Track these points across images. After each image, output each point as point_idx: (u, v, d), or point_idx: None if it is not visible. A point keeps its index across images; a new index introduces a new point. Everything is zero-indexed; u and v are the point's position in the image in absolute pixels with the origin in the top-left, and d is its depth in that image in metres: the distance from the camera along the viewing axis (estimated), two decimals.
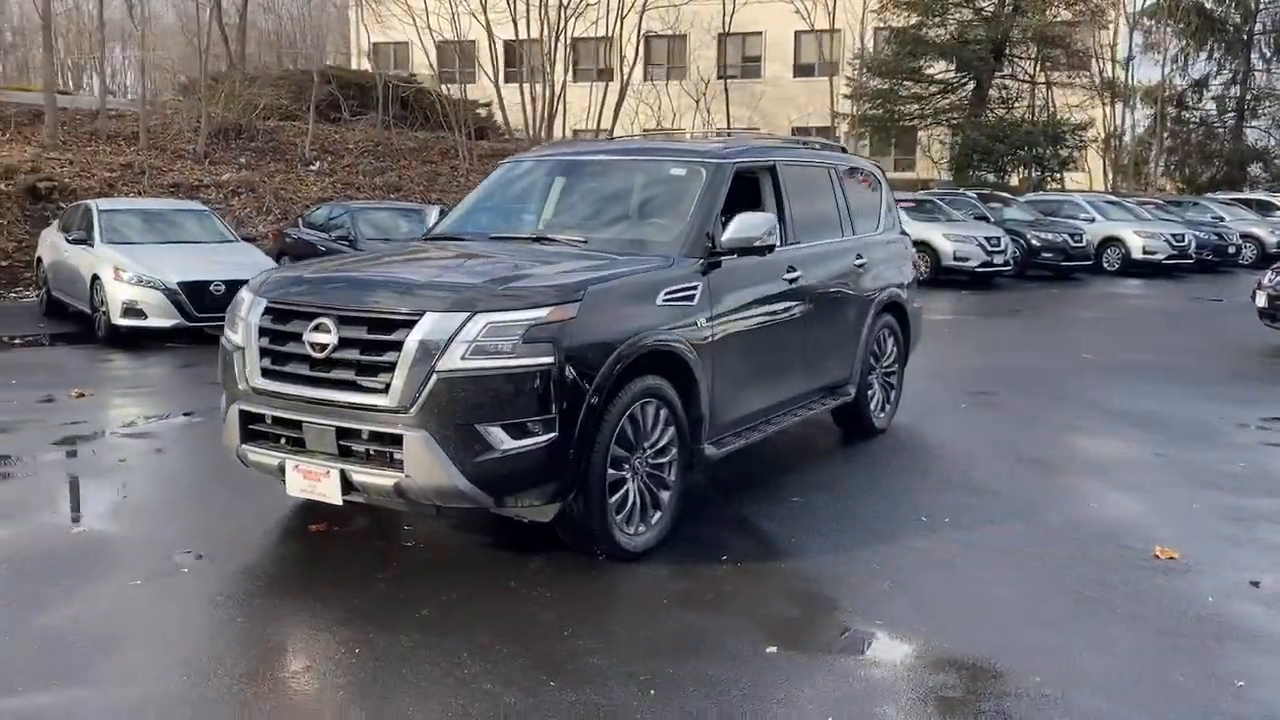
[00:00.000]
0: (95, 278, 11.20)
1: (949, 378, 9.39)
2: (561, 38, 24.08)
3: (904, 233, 7.81)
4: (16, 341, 11.32)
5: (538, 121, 24.26)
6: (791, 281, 5.83)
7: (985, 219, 21.53)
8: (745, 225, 5.19)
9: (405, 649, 3.75)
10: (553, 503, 4.33)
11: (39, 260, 13.84)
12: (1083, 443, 7.05)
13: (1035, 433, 7.29)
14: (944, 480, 6.07)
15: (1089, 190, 32.28)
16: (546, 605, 4.15)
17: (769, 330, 5.64)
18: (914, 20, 30.13)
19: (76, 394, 8.27)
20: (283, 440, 4.51)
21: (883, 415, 7.20)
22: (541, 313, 4.20)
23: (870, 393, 7.03)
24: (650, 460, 4.76)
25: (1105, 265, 22.90)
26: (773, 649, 3.79)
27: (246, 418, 4.60)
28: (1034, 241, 21.10)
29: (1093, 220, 23.36)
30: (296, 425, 4.42)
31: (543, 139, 23.80)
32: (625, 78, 25.58)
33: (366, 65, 36.12)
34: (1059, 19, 30.34)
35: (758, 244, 5.23)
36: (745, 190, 5.92)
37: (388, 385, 4.17)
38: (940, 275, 19.40)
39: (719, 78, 39.36)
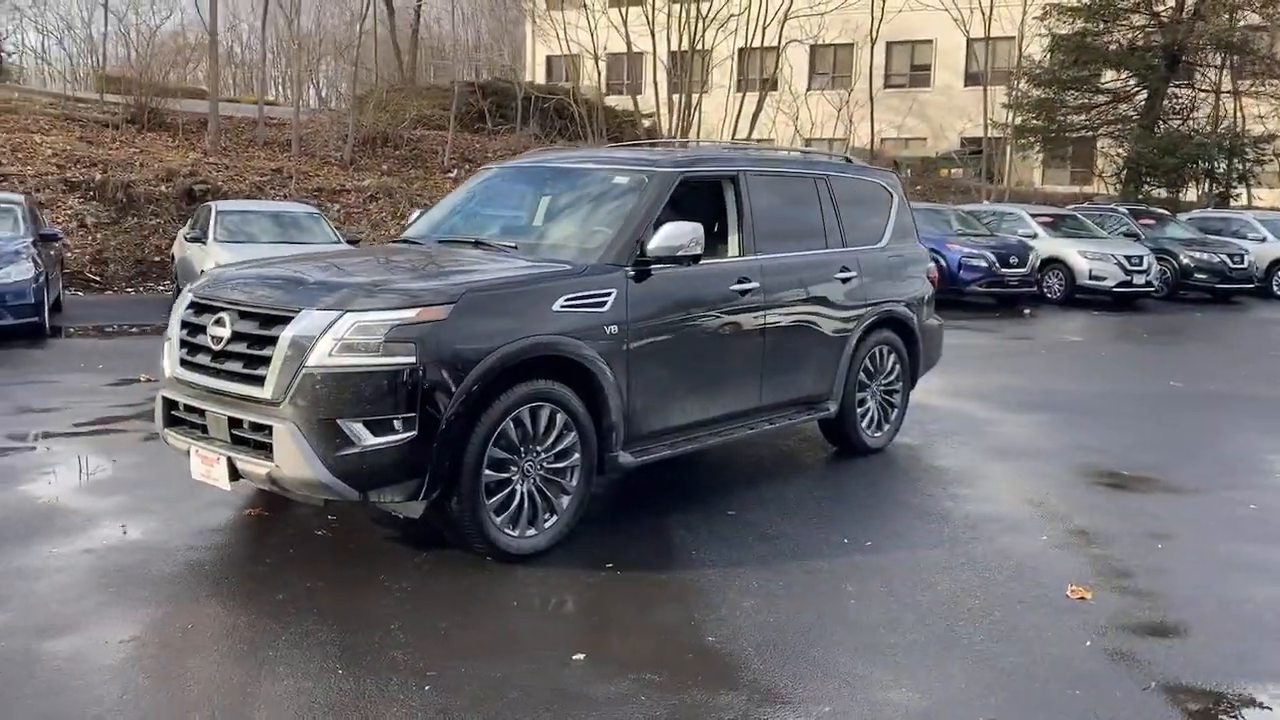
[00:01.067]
0: (203, 273, 12.05)
1: (1005, 398, 8.98)
2: (700, 48, 24.18)
3: (927, 247, 7.54)
4: (133, 330, 12.31)
5: (675, 131, 24.43)
6: (744, 292, 5.74)
7: (1135, 237, 20.29)
8: (670, 234, 5.17)
9: (235, 629, 3.95)
10: (416, 499, 4.43)
11: (173, 256, 15.02)
12: (1095, 473, 6.60)
13: (1051, 460, 6.88)
14: (900, 504, 5.84)
15: None
16: (398, 600, 4.26)
17: (710, 340, 5.57)
18: (1079, 27, 28.61)
19: (145, 379, 8.94)
20: (195, 427, 4.80)
21: (878, 434, 6.95)
22: (409, 313, 4.32)
23: (863, 410, 6.81)
24: (547, 464, 4.80)
25: (1276, 289, 21.19)
26: (579, 656, 3.78)
27: (167, 404, 4.92)
28: (1186, 262, 19.76)
29: (1263, 240, 21.64)
30: (201, 413, 4.70)
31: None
32: (765, 88, 25.41)
33: (540, 78, 37.32)
34: (1244, 23, 28.17)
35: (681, 253, 5.19)
36: (700, 200, 5.89)
37: (266, 378, 4.39)
38: (1075, 294, 18.45)
39: (885, 86, 38.66)
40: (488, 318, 4.53)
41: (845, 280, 6.50)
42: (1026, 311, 17.13)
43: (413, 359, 4.27)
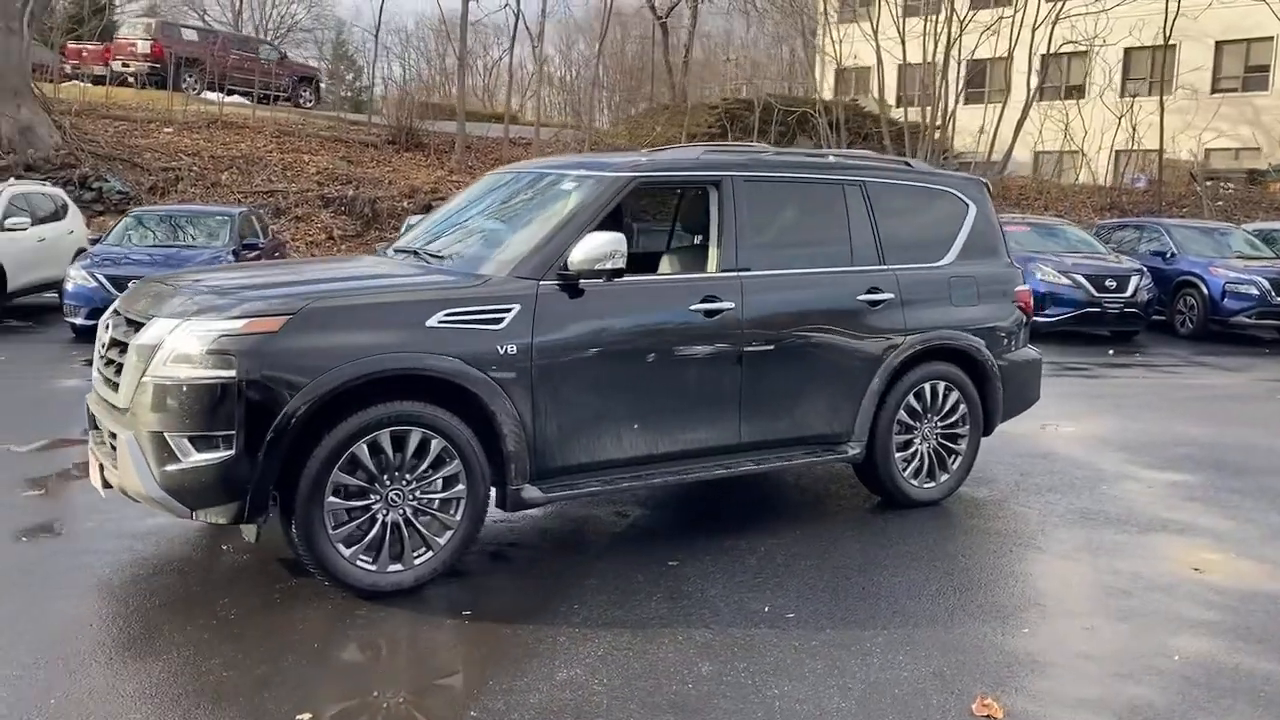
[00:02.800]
0: None
1: (1161, 451, 7.48)
2: (949, 57, 22.62)
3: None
4: None
5: (926, 141, 23.02)
6: (711, 313, 5.04)
7: None
8: (589, 246, 4.62)
9: (21, 636, 3.86)
10: (240, 522, 4.15)
11: None
12: (1189, 558, 5.24)
13: (1147, 534, 5.56)
14: (889, 573, 4.86)
15: None
16: (208, 629, 3.99)
17: (659, 366, 4.91)
18: None
19: None
20: (99, 431, 4.81)
21: (929, 485, 5.90)
22: (235, 324, 4.07)
23: (908, 454, 5.81)
24: (422, 493, 4.39)
25: None
26: (305, 716, 3.34)
27: (89, 407, 4.97)
28: None
29: None
30: (96, 418, 4.70)
31: (926, 157, 22.52)
32: (1031, 96, 23.31)
33: (829, 92, 36.48)
34: None
35: (598, 267, 4.61)
36: (677, 210, 5.26)
37: (120, 385, 4.30)
38: None
39: (1212, 91, 34.59)
40: (334, 332, 4.18)
41: (874, 303, 5.58)
42: None
43: (233, 372, 4.01)
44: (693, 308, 5.01)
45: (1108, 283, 14.12)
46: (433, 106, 27.31)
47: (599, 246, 4.60)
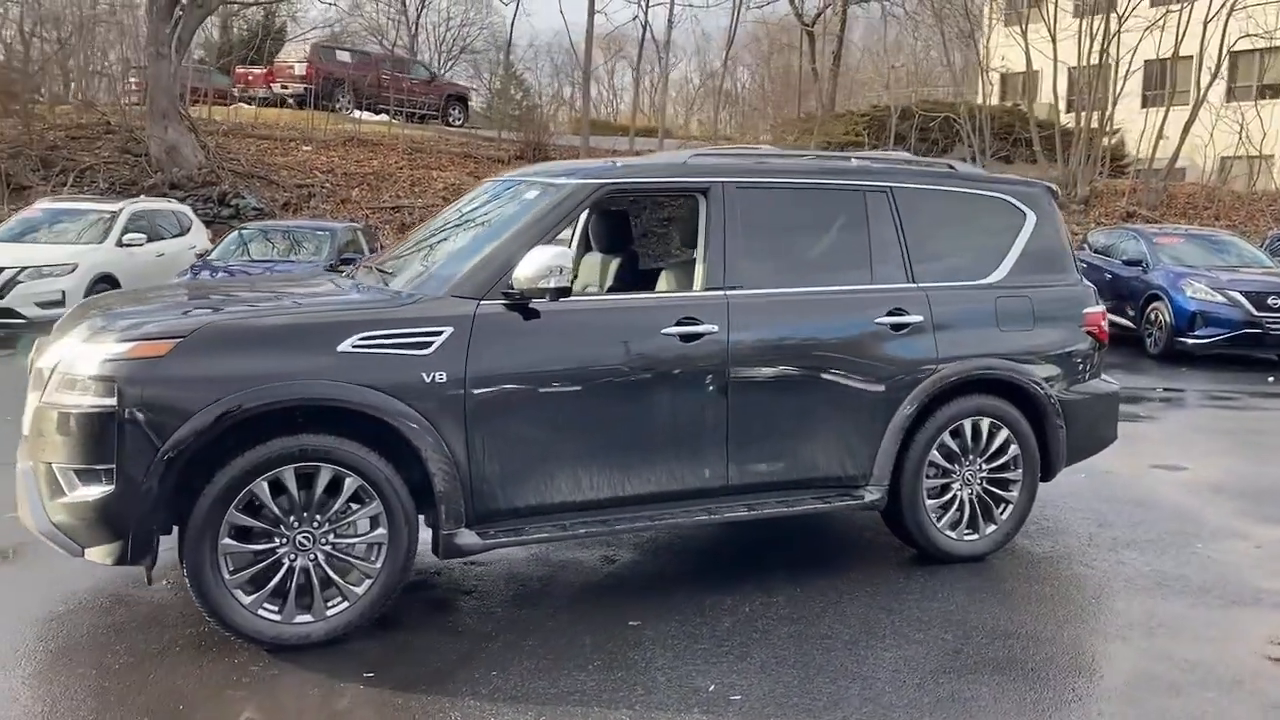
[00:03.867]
0: None
1: None
2: (1106, 56, 20.90)
3: (1083, 285, 5.48)
4: None
5: (1082, 145, 21.36)
6: (689, 338, 4.43)
7: None
8: (535, 262, 4.10)
9: None
10: (125, 564, 3.80)
11: None
12: (1241, 621, 4.31)
13: (1230, 610, 4.62)
14: (880, 641, 4.13)
15: None
16: (78, 679, 3.68)
17: (626, 398, 4.35)
18: None
19: None
20: None
21: (970, 536, 5.09)
22: (121, 348, 3.73)
23: (944, 500, 5.03)
24: (336, 538, 3.96)
25: None
26: None
27: None
28: None
29: None
30: None
31: (1064, 167, 20.94)
32: (1199, 98, 21.27)
33: (994, 97, 34.71)
34: None
35: (542, 285, 4.08)
36: (664, 221, 4.68)
37: (26, 412, 4.05)
38: None
39: None
40: (229, 356, 3.79)
41: (897, 326, 4.84)
42: None
43: (113, 400, 3.67)
44: (666, 331, 4.41)
45: (1270, 301, 12.58)
46: (592, 124, 27.35)
47: (544, 262, 4.08)
